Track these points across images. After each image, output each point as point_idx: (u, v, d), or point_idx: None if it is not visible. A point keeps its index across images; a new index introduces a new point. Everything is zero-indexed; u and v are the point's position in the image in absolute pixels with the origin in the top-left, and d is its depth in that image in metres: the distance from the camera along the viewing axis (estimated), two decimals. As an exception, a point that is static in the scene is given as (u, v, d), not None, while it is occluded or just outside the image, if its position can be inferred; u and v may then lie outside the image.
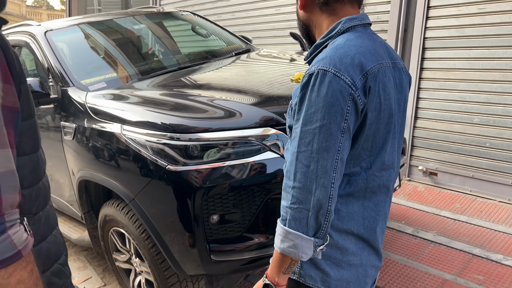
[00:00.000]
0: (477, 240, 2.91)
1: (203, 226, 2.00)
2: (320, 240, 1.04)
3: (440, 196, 3.58)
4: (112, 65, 3.09)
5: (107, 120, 2.31)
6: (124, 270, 2.70)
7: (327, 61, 1.02)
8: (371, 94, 1.04)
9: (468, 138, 3.49)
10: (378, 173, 1.13)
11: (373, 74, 1.05)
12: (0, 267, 0.75)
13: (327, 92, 0.99)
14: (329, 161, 1.01)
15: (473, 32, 3.36)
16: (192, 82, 2.73)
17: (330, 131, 1.00)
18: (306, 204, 1.02)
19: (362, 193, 1.13)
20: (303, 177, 1.02)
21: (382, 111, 1.07)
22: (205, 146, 2.02)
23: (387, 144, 1.12)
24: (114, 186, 2.25)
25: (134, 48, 3.38)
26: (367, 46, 1.08)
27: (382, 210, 1.18)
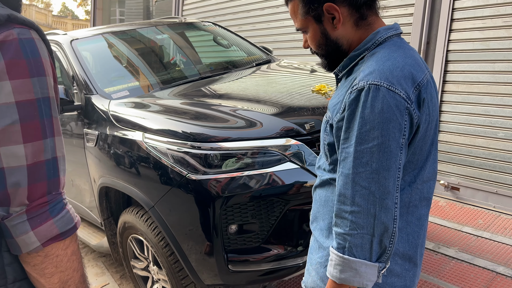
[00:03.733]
0: (501, 258, 2.82)
1: (222, 236, 2.00)
2: (383, 264, 1.00)
3: (462, 211, 3.50)
4: (134, 74, 3.15)
5: (129, 128, 2.34)
6: (141, 277, 2.71)
7: (377, 75, 0.97)
8: (424, 106, 1.01)
9: (492, 153, 3.42)
10: (420, 186, 1.09)
11: (424, 85, 1.02)
12: (63, 238, 0.86)
13: (382, 107, 0.95)
14: (391, 181, 0.96)
15: (498, 45, 3.30)
16: (213, 91, 2.75)
17: (389, 149, 0.95)
18: (368, 229, 0.96)
19: (406, 208, 1.08)
20: (363, 200, 0.96)
21: (430, 122, 1.04)
22: (225, 156, 2.02)
23: (430, 155, 1.09)
24: (134, 193, 2.27)
25: (156, 58, 3.43)
26: (411, 57, 1.04)
27: (425, 224, 1.14)
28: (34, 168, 0.82)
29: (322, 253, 1.14)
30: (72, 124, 2.88)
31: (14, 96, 0.79)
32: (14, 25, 0.81)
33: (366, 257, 0.97)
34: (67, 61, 3.00)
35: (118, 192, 2.59)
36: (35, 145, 0.82)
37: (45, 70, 0.84)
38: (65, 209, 0.87)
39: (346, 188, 0.99)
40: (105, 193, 2.65)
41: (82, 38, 3.22)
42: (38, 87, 0.82)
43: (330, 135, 1.10)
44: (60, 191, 0.87)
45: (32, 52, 0.82)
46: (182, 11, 6.83)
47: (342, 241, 1.00)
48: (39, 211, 0.83)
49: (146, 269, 2.63)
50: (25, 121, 0.80)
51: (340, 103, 1.05)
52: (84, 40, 3.22)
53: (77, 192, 3.08)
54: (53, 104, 0.86)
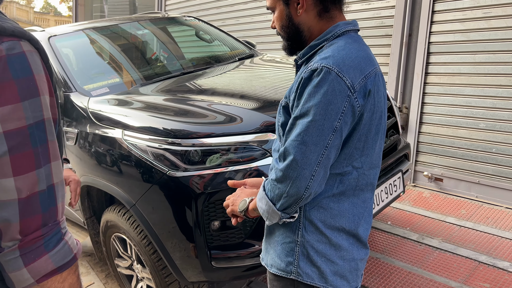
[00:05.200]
0: (483, 247, 2.86)
1: (204, 233, 1.98)
2: (286, 215, 1.14)
3: (445, 202, 3.53)
4: (115, 71, 3.10)
5: (109, 125, 2.30)
6: (126, 276, 2.69)
7: (331, 61, 1.06)
8: (369, 96, 1.10)
9: (474, 144, 3.45)
10: (367, 172, 1.19)
11: (372, 77, 1.11)
12: (60, 272, 0.80)
13: (327, 90, 1.04)
14: (314, 155, 1.06)
15: (478, 37, 3.32)
16: (194, 87, 2.72)
17: (322, 127, 1.05)
18: (283, 186, 1.09)
19: (352, 191, 1.18)
20: (287, 165, 1.08)
21: (375, 112, 1.13)
22: (206, 152, 2.00)
23: (376, 144, 1.18)
24: (116, 192, 2.24)
25: (137, 53, 3.38)
26: (364, 51, 1.14)
27: (369, 206, 1.25)
28: (27, 201, 0.76)
29: (279, 231, 1.24)
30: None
31: (1, 125, 0.71)
32: (2, 38, 0.73)
33: (274, 202, 1.13)
34: (45, 58, 2.94)
35: (100, 190, 2.55)
36: (28, 177, 0.75)
37: (38, 89, 0.76)
38: (63, 240, 0.81)
39: (282, 151, 1.12)
40: (87, 192, 2.61)
41: (61, 35, 3.16)
42: (30, 112, 0.75)
43: (283, 116, 1.20)
44: (58, 220, 0.81)
45: (22, 70, 0.74)
46: (165, 6, 6.75)
47: (267, 183, 1.16)
48: (33, 246, 0.77)
49: (130, 268, 2.60)
50: (15, 153, 0.73)
51: (296, 83, 1.14)
52: (62, 36, 3.15)
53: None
54: (49, 126, 0.79)
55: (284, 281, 1.22)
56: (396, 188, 2.43)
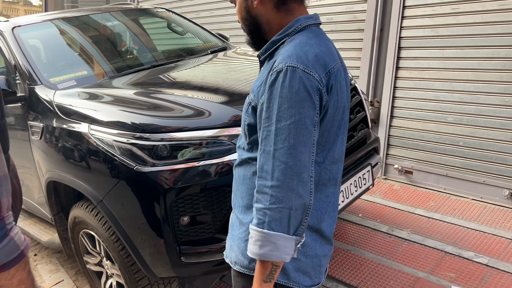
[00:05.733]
0: (450, 237, 2.94)
1: (173, 228, 1.96)
2: (299, 237, 1.05)
3: (415, 194, 3.61)
4: (83, 63, 3.02)
5: (75, 119, 2.25)
6: (95, 272, 2.64)
7: (294, 59, 1.04)
8: (332, 92, 1.09)
9: (442, 137, 3.53)
10: (329, 167, 1.17)
11: (334, 73, 1.09)
12: (7, 269, 0.79)
13: (298, 88, 1.02)
14: (306, 155, 1.03)
15: (447, 32, 3.39)
16: (165, 80, 2.68)
17: (305, 125, 1.02)
18: (287, 202, 1.01)
19: (315, 186, 1.15)
20: (282, 175, 1.01)
21: (337, 108, 1.12)
22: (174, 146, 1.98)
23: (338, 139, 1.17)
24: (82, 188, 2.19)
25: (107, 45, 3.30)
26: (326, 46, 1.12)
27: (332, 201, 1.22)
28: None
29: (242, 229, 1.21)
30: (16, 117, 2.74)
31: None
32: None
33: (284, 230, 1.02)
34: (9, 49, 2.84)
35: (67, 186, 2.49)
36: None
37: None
38: (8, 236, 0.79)
39: (267, 164, 1.04)
40: (54, 187, 2.55)
41: (26, 25, 3.05)
42: None
43: (251, 116, 1.16)
44: (2, 216, 0.79)
45: None
46: (138, -3, 6.61)
47: (262, 216, 1.03)
48: None
49: (99, 264, 2.56)
50: None
51: (263, 85, 1.10)
52: (28, 27, 3.05)
53: (26, 188, 2.95)
54: None
55: (247, 278, 1.20)
56: (365, 182, 2.46)
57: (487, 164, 3.34)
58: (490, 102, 3.25)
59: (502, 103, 3.19)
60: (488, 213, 3.21)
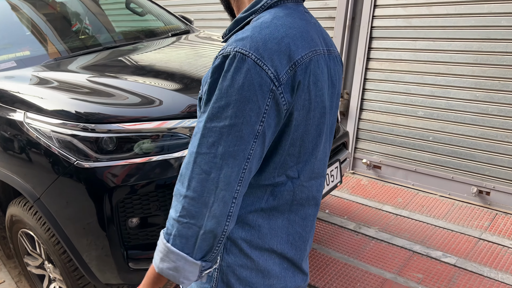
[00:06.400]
0: (418, 236, 2.85)
1: (119, 231, 1.74)
2: (208, 263, 0.86)
3: (383, 190, 3.51)
4: (26, 43, 2.71)
5: (9, 105, 1.97)
6: (37, 275, 2.39)
7: (248, 43, 0.80)
8: (299, 90, 0.84)
9: (412, 132, 3.44)
10: (306, 183, 0.96)
11: (304, 65, 0.85)
12: None
13: (243, 83, 0.79)
14: (234, 170, 0.81)
15: (419, 23, 3.27)
16: (116, 64, 2.42)
17: (241, 133, 0.80)
18: (198, 220, 0.82)
19: (288, 206, 0.95)
20: (200, 186, 0.81)
21: (312, 110, 0.88)
22: (122, 139, 1.75)
23: (318, 148, 0.94)
24: (17, 183, 1.93)
25: (56, 24, 2.99)
26: (299, 28, 0.87)
27: (310, 224, 1.01)
28: None
29: None
30: None
31: None
32: None
33: (189, 251, 0.83)
34: None
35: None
36: None
37: None
38: None
39: (187, 167, 0.83)
40: (-12, 181, 2.27)
41: (-40, -2, 2.71)
42: None
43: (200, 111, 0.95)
44: None
45: None
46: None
47: (171, 226, 0.85)
48: None
49: (41, 267, 2.31)
50: None
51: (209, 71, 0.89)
52: (-38, 0, 2.71)
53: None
54: None
55: None
56: (333, 179, 2.31)
57: (456, 160, 3.27)
58: (461, 97, 3.17)
59: (473, 98, 3.12)
60: (456, 211, 3.15)
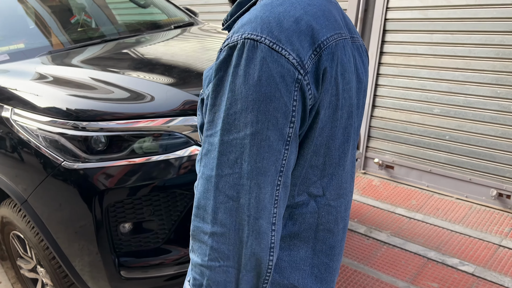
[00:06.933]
0: (432, 241, 2.68)
1: (110, 237, 1.62)
2: None
3: (396, 191, 3.34)
4: (22, 35, 2.59)
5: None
6: (30, 279, 2.28)
7: (258, 25, 0.63)
8: (325, 82, 0.66)
9: (427, 130, 3.26)
10: (334, 202, 0.77)
11: (330, 49, 0.66)
12: None
13: (259, 77, 0.61)
14: (267, 190, 0.64)
15: (436, 15, 3.08)
16: (112, 58, 2.29)
17: (268, 142, 0.63)
18: (234, 261, 0.66)
19: (313, 232, 0.76)
20: (229, 218, 0.64)
21: (339, 108, 0.70)
22: (114, 138, 1.62)
23: (345, 157, 0.75)
24: (4, 184, 1.82)
25: (53, 16, 2.87)
26: (320, 5, 0.69)
27: (337, 253, 0.82)
28: None
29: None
30: None
31: None
32: None
33: None
34: None
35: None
36: None
37: None
38: None
39: (206, 197, 0.66)
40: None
41: (-45, -12, 2.60)
42: None
43: (202, 115, 0.76)
44: None
45: None
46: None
47: (199, 275, 0.68)
48: None
49: (34, 271, 2.20)
50: None
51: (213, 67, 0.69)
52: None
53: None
54: None
55: None
56: (343, 181, 2.15)
57: (474, 161, 3.08)
58: (481, 94, 2.98)
59: (494, 94, 2.92)
60: (474, 215, 2.97)
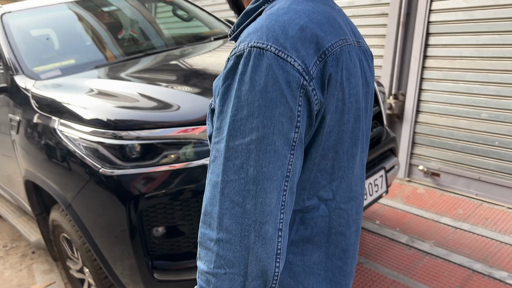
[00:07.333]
0: (479, 253, 2.54)
1: (144, 240, 1.70)
2: None
3: (441, 200, 3.21)
4: (73, 51, 2.79)
5: (47, 112, 2.02)
6: (78, 279, 2.44)
7: (264, 34, 0.65)
8: (331, 86, 0.69)
9: (475, 135, 3.11)
10: (344, 205, 0.78)
11: (335, 55, 0.69)
12: None
13: (265, 83, 0.64)
14: (274, 196, 0.65)
15: (482, 15, 2.95)
16: (153, 70, 2.41)
17: (274, 147, 0.64)
18: (240, 267, 0.66)
19: (325, 236, 0.77)
20: (235, 224, 0.65)
21: (346, 112, 0.72)
22: (147, 146, 1.71)
23: (354, 160, 0.77)
24: (52, 190, 1.97)
25: (102, 32, 3.07)
26: (324, 13, 0.72)
27: (352, 255, 0.83)
28: None
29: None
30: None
31: None
32: None
33: None
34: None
35: (47, 185, 2.28)
36: None
37: None
38: None
39: (212, 203, 0.67)
40: (34, 186, 2.34)
41: (17, 11, 2.86)
42: None
43: (211, 125, 0.77)
44: None
45: None
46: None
47: (205, 283, 0.68)
48: None
49: (81, 271, 2.34)
50: None
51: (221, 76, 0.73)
52: (19, 13, 2.85)
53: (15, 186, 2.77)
54: None
55: None
56: (377, 188, 2.12)
57: (527, 168, 2.90)
58: (533, 96, 2.80)
59: (547, 97, 2.74)
60: (527, 225, 2.78)
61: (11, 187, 2.86)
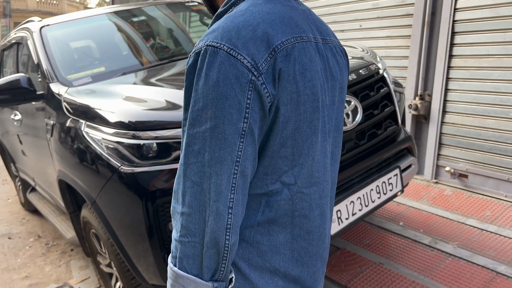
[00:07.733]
0: (505, 255, 2.47)
1: (160, 234, 1.80)
2: (221, 283, 0.78)
3: (469, 201, 3.13)
4: (104, 60, 2.98)
5: (75, 116, 2.18)
6: (107, 274, 2.59)
7: (219, 34, 0.74)
8: (282, 80, 0.76)
9: (503, 135, 3.02)
10: (306, 190, 0.85)
11: (285, 51, 0.76)
12: None
13: (217, 79, 0.72)
14: (224, 177, 0.74)
15: (509, 12, 2.87)
16: (177, 74, 2.53)
17: (224, 135, 0.73)
18: (200, 237, 0.76)
19: (290, 218, 0.84)
20: (194, 200, 0.75)
21: (302, 103, 0.79)
22: (163, 145, 1.82)
23: (314, 148, 0.83)
24: (80, 188, 2.12)
25: (132, 41, 3.25)
26: (279, 13, 0.80)
27: (317, 237, 0.89)
28: None
29: None
30: (37, 115, 2.76)
31: None
32: None
33: (197, 272, 0.77)
34: (34, 48, 2.88)
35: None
36: None
37: None
38: None
39: (178, 182, 0.78)
40: (67, 186, 2.52)
41: (54, 24, 3.09)
42: None
43: None
44: None
45: None
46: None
47: (174, 249, 0.79)
48: None
49: (109, 266, 2.49)
50: None
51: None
52: (55, 26, 3.08)
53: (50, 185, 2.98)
54: None
55: None
56: (391, 187, 2.12)
57: (560, 168, 2.79)
58: None
59: None
60: (559, 227, 2.67)
61: (50, 188, 3.08)
